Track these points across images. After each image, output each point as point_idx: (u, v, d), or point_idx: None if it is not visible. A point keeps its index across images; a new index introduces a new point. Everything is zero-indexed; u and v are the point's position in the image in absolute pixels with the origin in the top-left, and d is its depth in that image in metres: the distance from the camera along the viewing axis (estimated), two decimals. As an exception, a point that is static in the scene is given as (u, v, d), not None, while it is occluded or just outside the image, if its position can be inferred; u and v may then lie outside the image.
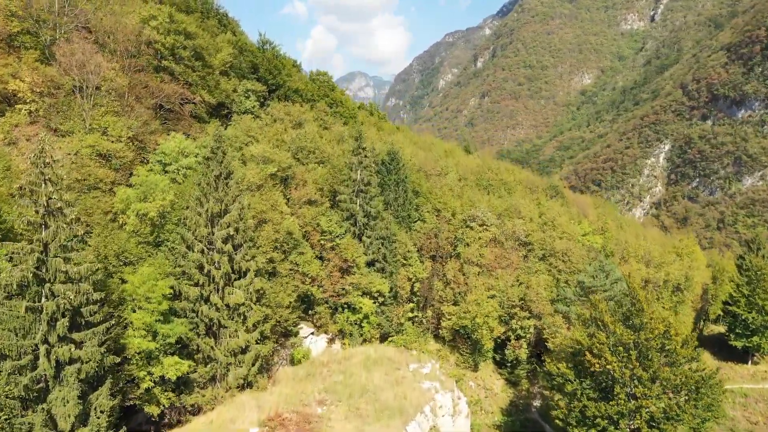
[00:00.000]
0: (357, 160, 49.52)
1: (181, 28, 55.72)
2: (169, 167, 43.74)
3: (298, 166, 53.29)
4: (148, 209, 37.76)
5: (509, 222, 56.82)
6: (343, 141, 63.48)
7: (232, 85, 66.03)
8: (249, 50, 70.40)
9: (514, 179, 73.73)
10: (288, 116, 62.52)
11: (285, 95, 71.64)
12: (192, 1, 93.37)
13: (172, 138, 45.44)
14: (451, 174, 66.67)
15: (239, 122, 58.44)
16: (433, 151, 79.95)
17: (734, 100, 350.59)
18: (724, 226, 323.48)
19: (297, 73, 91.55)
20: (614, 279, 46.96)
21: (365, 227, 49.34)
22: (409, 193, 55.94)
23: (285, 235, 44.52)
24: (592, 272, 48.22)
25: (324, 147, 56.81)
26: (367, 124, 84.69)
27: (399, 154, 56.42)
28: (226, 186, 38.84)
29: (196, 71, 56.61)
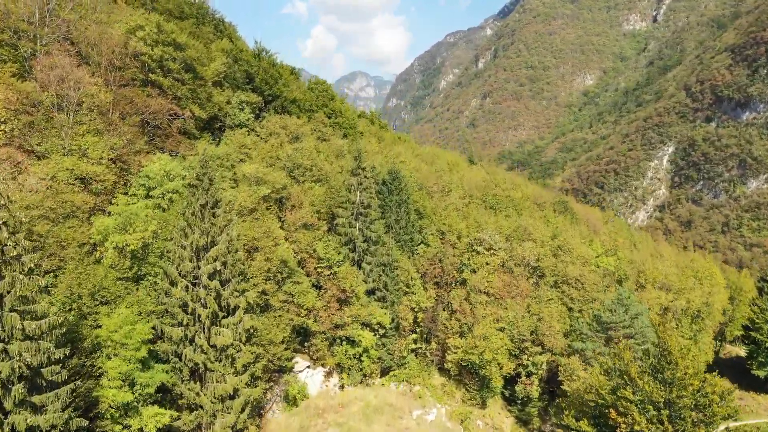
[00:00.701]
0: (356, 181, 46.26)
1: (170, 38, 52.44)
2: (153, 192, 40.49)
3: (293, 185, 50.03)
4: (128, 241, 34.53)
5: (518, 246, 53.51)
6: (342, 156, 60.24)
7: (226, 96, 62.74)
8: (244, 59, 67.13)
9: (521, 195, 70.40)
10: (284, 130, 59.25)
11: (282, 106, 68.34)
12: (186, 7, 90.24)
13: (157, 159, 42.20)
14: (455, 192, 63.27)
15: (232, 137, 55.19)
16: (436, 164, 76.62)
17: (739, 102, 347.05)
18: (728, 229, 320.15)
19: (295, 81, 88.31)
20: (634, 314, 43.65)
21: (365, 253, 46.09)
22: (411, 214, 52.70)
23: (279, 264, 41.27)
24: (609, 305, 44.95)
25: (322, 164, 53.59)
26: (368, 134, 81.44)
27: (400, 173, 53.13)
28: (212, 216, 35.60)
29: (186, 84, 53.33)
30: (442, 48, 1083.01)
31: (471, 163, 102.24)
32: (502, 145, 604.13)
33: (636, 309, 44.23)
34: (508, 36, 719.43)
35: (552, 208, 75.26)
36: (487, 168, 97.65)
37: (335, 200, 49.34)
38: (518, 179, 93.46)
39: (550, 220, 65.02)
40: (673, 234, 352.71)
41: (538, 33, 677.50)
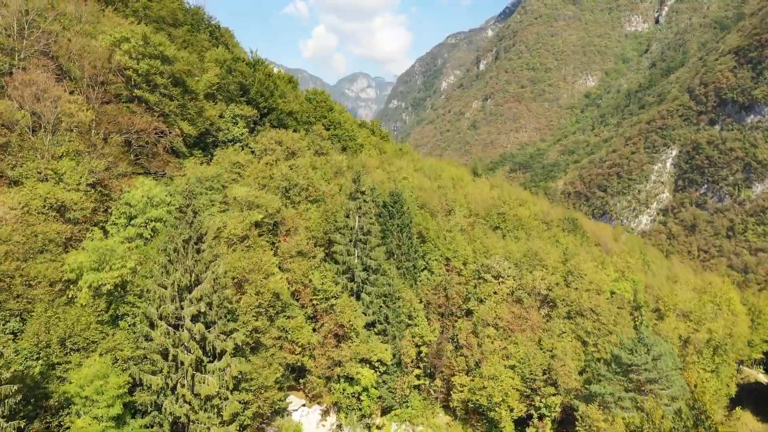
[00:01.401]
0: (355, 206, 43.11)
1: (157, 51, 49.33)
2: (134, 221, 37.37)
3: (288, 208, 46.89)
4: (104, 280, 31.41)
5: (528, 274, 50.33)
6: (341, 173, 57.06)
7: (219, 109, 59.62)
8: (238, 70, 64.00)
9: (528, 213, 67.12)
10: (279, 146, 56.14)
11: (278, 119, 65.24)
12: (181, 14, 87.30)
13: (140, 185, 39.09)
14: (459, 211, 60.04)
15: (224, 155, 52.04)
16: (439, 178, 73.40)
17: (743, 105, 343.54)
18: (733, 234, 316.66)
19: (292, 90, 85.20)
20: (657, 354, 40.36)
21: (365, 283, 42.94)
22: (414, 239, 49.56)
23: (271, 298, 38.13)
24: (629, 344, 41.66)
25: (318, 183, 50.43)
26: (368, 146, 78.33)
27: (402, 196, 49.95)
28: (197, 252, 32.46)
29: (175, 99, 50.23)
30: (443, 49, 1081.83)
31: (475, 174, 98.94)
32: (503, 147, 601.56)
33: (659, 348, 40.98)
34: (510, 37, 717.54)
35: (560, 225, 71.89)
36: (492, 180, 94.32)
37: (333, 224, 46.19)
38: (524, 194, 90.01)
39: (560, 240, 61.80)
40: (677, 238, 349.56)
41: (540, 34, 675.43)
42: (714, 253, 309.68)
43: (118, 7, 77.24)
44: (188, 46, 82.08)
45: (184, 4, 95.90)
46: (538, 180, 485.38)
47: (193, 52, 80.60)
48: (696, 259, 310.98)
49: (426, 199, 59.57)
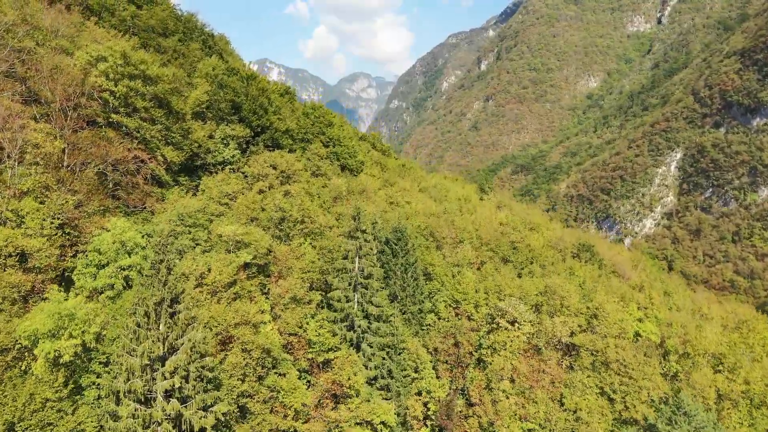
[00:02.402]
0: (354, 246, 38.66)
1: (138, 70, 44.84)
2: (104, 270, 32.94)
3: (281, 244, 42.41)
4: (62, 350, 26.99)
5: (547, 319, 45.83)
6: (341, 199, 52.57)
7: (208, 130, 55.16)
8: (230, 86, 59.49)
9: (541, 241, 62.43)
10: (273, 170, 51.70)
11: (272, 138, 60.76)
12: (172, 23, 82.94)
13: (112, 226, 34.65)
14: (467, 242, 55.44)
15: (211, 184, 47.56)
16: (445, 198, 68.94)
17: (749, 107, 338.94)
18: (739, 239, 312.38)
19: (289, 104, 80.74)
20: (699, 425, 35.96)
21: (366, 332, 38.50)
22: (420, 279, 45.16)
23: (260, 355, 33.69)
24: (668, 414, 37.28)
25: (315, 213, 45.94)
26: (369, 163, 73.82)
27: (406, 231, 45.47)
28: (171, 317, 28.01)
29: (158, 123, 45.74)
30: (444, 49, 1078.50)
31: (482, 191, 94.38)
32: (505, 149, 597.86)
33: (699, 418, 36.59)
34: (511, 37, 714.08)
35: (575, 253, 67.30)
36: (499, 197, 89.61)
37: (330, 262, 41.71)
38: (534, 215, 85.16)
39: (577, 272, 57.39)
40: (682, 243, 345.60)
41: (542, 35, 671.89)
42: (720, 258, 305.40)
43: (104, 16, 72.93)
44: (179, 57, 77.72)
45: (175, 11, 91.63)
46: (540, 182, 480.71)
47: (184, 62, 76.32)
48: (702, 264, 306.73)
49: (432, 225, 55.03)
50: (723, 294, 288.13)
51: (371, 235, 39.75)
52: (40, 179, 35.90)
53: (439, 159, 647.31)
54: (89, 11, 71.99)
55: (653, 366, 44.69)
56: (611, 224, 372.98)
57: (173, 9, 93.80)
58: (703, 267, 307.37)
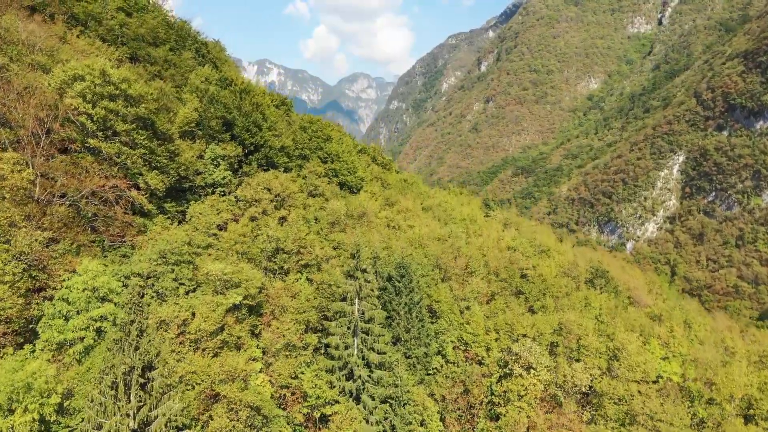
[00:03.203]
0: (354, 288, 35.06)
1: (119, 90, 41.19)
2: (73, 322, 29.33)
3: (274, 279, 38.81)
4: (16, 427, 23.37)
5: (565, 363, 42.24)
6: (339, 223, 48.96)
7: (197, 149, 51.54)
8: (221, 102, 55.86)
9: (553, 270, 58.62)
10: (267, 194, 48.12)
11: (266, 157, 57.15)
12: (163, 31, 79.29)
13: (83, 270, 31.02)
14: (477, 275, 51.82)
15: (199, 211, 43.93)
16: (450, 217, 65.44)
17: (752, 110, 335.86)
18: (743, 243, 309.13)
19: (286, 116, 77.16)
20: None
21: (367, 382, 34.90)
22: (425, 320, 41.56)
23: (248, 415, 30.09)
24: None
25: (311, 244, 42.34)
26: (369, 179, 70.29)
27: (410, 267, 41.85)
28: (143, 388, 24.40)
29: (140, 146, 42.07)
30: (443, 50, 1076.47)
31: (487, 207, 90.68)
32: (505, 151, 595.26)
33: None
34: (511, 38, 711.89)
35: (589, 278, 63.75)
36: (506, 215, 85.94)
37: (329, 298, 38.11)
38: (543, 234, 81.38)
39: (593, 303, 53.84)
40: (684, 247, 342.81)
41: (542, 36, 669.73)
42: (723, 263, 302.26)
43: (91, 26, 69.34)
44: (170, 67, 74.18)
45: (168, 18, 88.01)
46: (541, 185, 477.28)
47: (175, 73, 72.76)
48: (705, 269, 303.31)
49: (438, 254, 51.34)
50: (727, 299, 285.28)
51: (372, 274, 36.17)
52: (4, 215, 32.30)
53: (439, 160, 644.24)
54: (75, 20, 68.39)
55: (681, 416, 41.09)
56: (613, 228, 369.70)
57: (166, 15, 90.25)
58: (707, 272, 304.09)
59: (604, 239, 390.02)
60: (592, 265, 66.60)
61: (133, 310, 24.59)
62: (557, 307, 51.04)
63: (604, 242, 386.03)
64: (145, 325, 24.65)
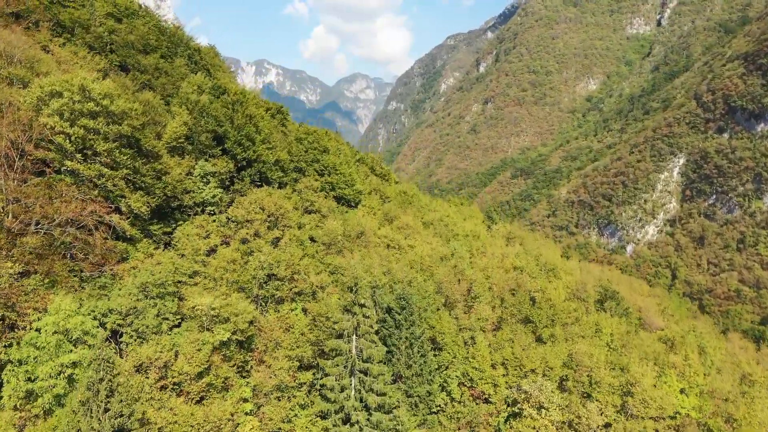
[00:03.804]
0: (351, 324, 32.38)
1: (100, 106, 38.43)
2: (41, 369, 26.60)
3: (266, 311, 36.13)
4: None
5: (578, 402, 39.66)
6: (335, 244, 46.27)
7: (186, 166, 48.85)
8: (212, 115, 53.14)
9: (562, 293, 55.87)
10: (259, 215, 45.45)
11: (259, 172, 54.47)
12: (153, 38, 76.67)
13: (54, 309, 28.29)
14: (483, 300, 49.06)
15: (187, 233, 41.22)
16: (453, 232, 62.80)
17: (753, 112, 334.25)
18: (744, 247, 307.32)
19: (281, 125, 74.53)
20: None
21: (365, 426, 32.19)
22: (428, 355, 38.85)
23: (235, 468, 27.39)
24: None
25: (306, 270, 39.65)
26: (368, 192, 67.64)
27: (412, 298, 39.17)
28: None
29: (123, 167, 39.31)
30: (442, 51, 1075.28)
31: (490, 219, 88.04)
32: (504, 152, 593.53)
33: None
34: (510, 39, 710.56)
35: (599, 299, 61.10)
36: (510, 228, 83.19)
37: (325, 333, 35.42)
38: (548, 249, 78.48)
39: (604, 329, 51.12)
40: (685, 251, 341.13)
41: (541, 37, 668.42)
42: (724, 266, 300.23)
43: (77, 33, 66.66)
44: (161, 75, 71.57)
45: (160, 24, 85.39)
46: (540, 187, 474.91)
47: (166, 81, 70.08)
48: (706, 273, 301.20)
49: (439, 275, 48.58)
50: (729, 303, 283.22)
51: (371, 309, 33.49)
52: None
53: (437, 162, 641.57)
54: (61, 28, 65.76)
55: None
56: (613, 231, 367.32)
57: (158, 20, 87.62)
58: (708, 275, 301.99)
59: (604, 242, 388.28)
60: (601, 284, 63.95)
61: (101, 367, 21.87)
62: (567, 335, 48.31)
63: (604, 245, 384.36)
64: (116, 384, 21.93)
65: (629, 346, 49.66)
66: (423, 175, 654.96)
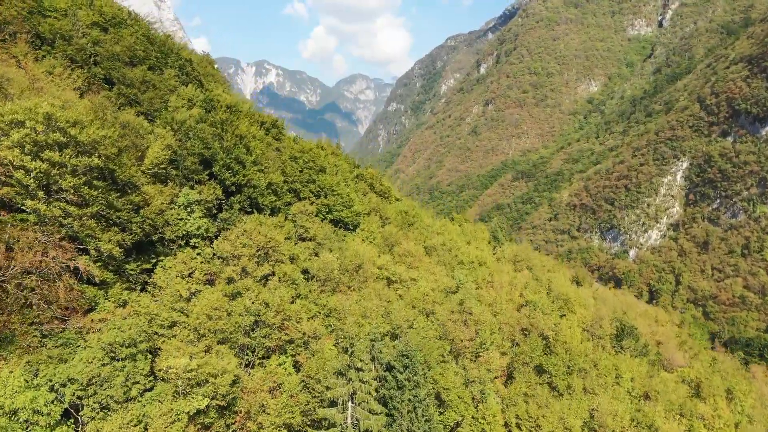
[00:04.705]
0: (347, 391, 28.37)
1: (68, 136, 34.38)
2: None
3: (250, 369, 32.11)
4: None
5: None
6: (330, 281, 42.26)
7: (169, 193, 44.79)
8: (198, 137, 49.14)
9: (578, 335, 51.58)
10: (247, 248, 41.45)
11: (250, 198, 50.47)
12: (141, 48, 72.67)
13: (7, 376, 24.27)
14: (492, 348, 44.99)
15: (166, 276, 37.18)
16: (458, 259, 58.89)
17: (757, 116, 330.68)
18: (749, 252, 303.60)
19: (275, 140, 70.48)
20: None
21: (361, 508, 28.24)
22: (433, 420, 34.78)
23: None
24: None
25: (297, 316, 35.65)
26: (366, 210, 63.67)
27: (416, 355, 35.10)
28: None
29: (94, 204, 35.27)
30: (442, 52, 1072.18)
31: (495, 239, 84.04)
32: (505, 154, 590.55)
33: None
34: (511, 41, 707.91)
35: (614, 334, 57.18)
36: (515, 252, 78.98)
37: (319, 394, 31.39)
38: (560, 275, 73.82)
39: (624, 373, 47.16)
40: (689, 256, 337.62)
41: (541, 38, 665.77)
42: (729, 272, 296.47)
43: (58, 45, 62.71)
44: (148, 89, 67.64)
45: (149, 33, 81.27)
46: (541, 189, 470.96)
47: (154, 96, 66.21)
48: (710, 278, 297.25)
49: (443, 316, 44.52)
50: (734, 310, 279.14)
51: (370, 371, 29.52)
52: None
53: (438, 164, 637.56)
54: (40, 40, 61.83)
55: None
56: (615, 235, 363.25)
57: (148, 29, 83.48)
58: (712, 281, 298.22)
59: (606, 246, 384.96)
60: (617, 318, 59.81)
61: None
62: (585, 384, 44.38)
63: (606, 249, 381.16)
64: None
65: (651, 390, 45.71)
66: (423, 177, 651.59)
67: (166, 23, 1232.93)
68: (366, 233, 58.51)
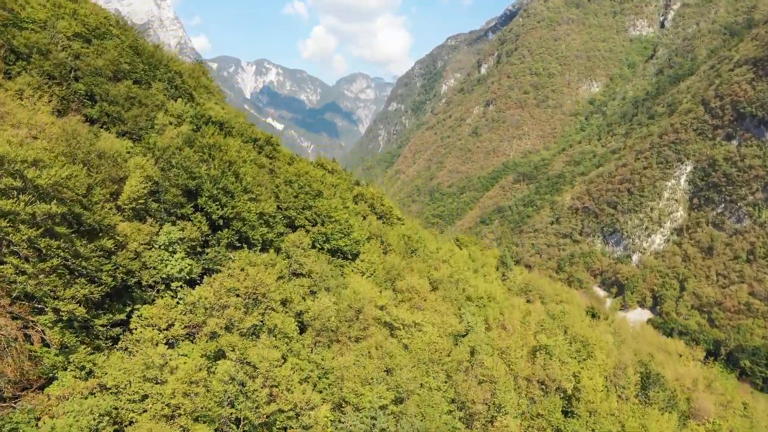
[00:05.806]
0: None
1: (24, 179, 29.82)
2: None
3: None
4: None
5: None
6: (325, 331, 37.72)
7: (147, 232, 40.30)
8: (182, 165, 44.56)
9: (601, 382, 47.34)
10: (235, 299, 36.95)
11: (239, 232, 45.93)
12: (126, 61, 68.13)
13: None
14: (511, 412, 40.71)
15: (141, 337, 32.67)
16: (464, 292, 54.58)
17: (762, 119, 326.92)
18: (754, 258, 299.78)
19: (270, 161, 65.92)
20: None
21: None
22: None
23: None
24: None
25: (288, 382, 31.17)
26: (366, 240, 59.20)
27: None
28: None
29: (54, 256, 30.71)
30: (443, 51, 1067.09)
31: (504, 265, 79.38)
32: (506, 155, 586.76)
33: None
34: (512, 41, 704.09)
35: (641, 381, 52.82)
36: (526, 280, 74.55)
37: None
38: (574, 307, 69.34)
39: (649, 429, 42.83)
40: (693, 261, 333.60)
41: (543, 38, 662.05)
42: (734, 278, 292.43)
43: (34, 60, 58.08)
44: (133, 106, 63.10)
45: (136, 43, 76.52)
46: (543, 192, 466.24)
47: (140, 114, 61.75)
48: (715, 284, 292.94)
49: (450, 367, 40.10)
50: (739, 318, 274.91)
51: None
52: None
53: (438, 165, 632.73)
54: (14, 55, 57.24)
55: None
56: (618, 239, 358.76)
57: (135, 38, 78.67)
58: (717, 287, 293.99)
59: (609, 250, 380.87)
60: (641, 360, 55.27)
61: None
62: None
63: (609, 254, 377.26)
64: None
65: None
66: (424, 179, 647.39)
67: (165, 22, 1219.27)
68: (366, 264, 54.06)
